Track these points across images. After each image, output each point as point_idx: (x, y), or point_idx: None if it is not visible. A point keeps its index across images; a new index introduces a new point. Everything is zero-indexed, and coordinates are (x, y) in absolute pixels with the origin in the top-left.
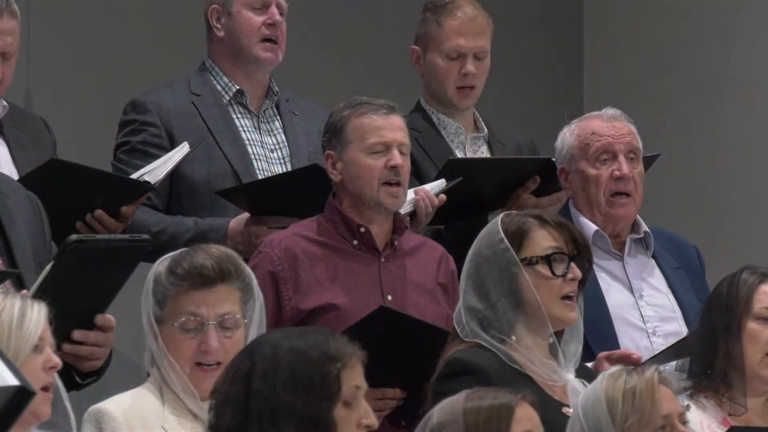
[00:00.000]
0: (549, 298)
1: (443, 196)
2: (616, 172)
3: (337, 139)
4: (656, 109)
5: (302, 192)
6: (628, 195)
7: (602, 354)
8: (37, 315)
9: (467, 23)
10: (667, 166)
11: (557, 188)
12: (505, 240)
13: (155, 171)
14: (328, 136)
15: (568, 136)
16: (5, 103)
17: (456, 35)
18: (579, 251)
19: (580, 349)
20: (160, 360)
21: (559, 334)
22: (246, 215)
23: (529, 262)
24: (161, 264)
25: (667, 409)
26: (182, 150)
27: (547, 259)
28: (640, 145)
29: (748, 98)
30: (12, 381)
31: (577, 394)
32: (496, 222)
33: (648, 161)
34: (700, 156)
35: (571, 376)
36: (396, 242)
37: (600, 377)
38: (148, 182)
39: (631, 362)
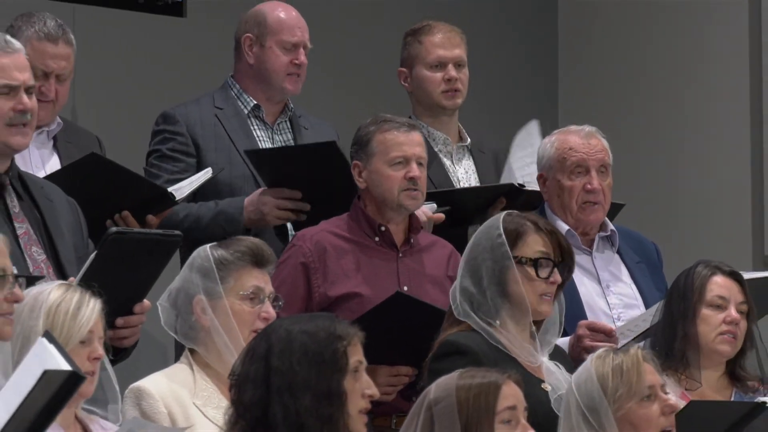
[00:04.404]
0: (530, 294)
1: (441, 215)
2: (588, 186)
3: (363, 151)
4: (621, 118)
5: (313, 167)
6: (597, 203)
7: (584, 322)
8: (91, 310)
9: (444, 38)
10: (633, 172)
11: (522, 205)
12: (503, 236)
13: (181, 190)
14: (356, 148)
15: (548, 147)
16: (59, 120)
17: (436, 48)
18: (563, 258)
19: (556, 338)
20: (212, 331)
21: (539, 323)
22: (257, 191)
23: (520, 261)
24: (214, 249)
25: (651, 381)
26: (206, 175)
27: (535, 263)
28: (611, 159)
29: (705, 108)
30: (65, 366)
31: (551, 374)
32: (498, 218)
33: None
34: (662, 163)
35: (545, 359)
36: (412, 240)
37: (589, 359)
38: (173, 195)
39: (607, 334)
